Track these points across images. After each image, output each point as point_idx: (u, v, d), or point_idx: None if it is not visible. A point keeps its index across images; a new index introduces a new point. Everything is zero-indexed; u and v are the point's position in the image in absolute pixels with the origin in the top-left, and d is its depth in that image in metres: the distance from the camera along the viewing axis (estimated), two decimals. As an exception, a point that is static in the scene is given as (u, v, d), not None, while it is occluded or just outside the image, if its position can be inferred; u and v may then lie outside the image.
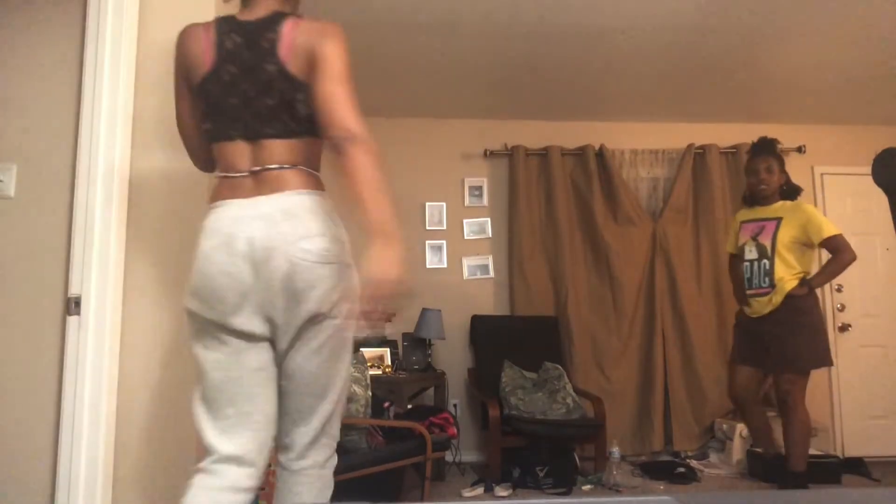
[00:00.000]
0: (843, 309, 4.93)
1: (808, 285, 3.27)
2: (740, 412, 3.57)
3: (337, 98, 1.49)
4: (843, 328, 4.91)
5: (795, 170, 5.07)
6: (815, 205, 5.06)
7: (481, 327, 4.58)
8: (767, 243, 3.38)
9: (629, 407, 4.66)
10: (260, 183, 1.53)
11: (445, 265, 4.84)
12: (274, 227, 1.47)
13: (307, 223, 1.49)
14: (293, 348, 1.55)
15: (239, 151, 1.56)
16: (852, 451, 4.71)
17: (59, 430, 2.04)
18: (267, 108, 1.54)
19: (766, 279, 3.35)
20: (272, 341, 1.58)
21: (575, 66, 4.05)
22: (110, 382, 2.08)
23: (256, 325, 1.52)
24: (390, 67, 4.02)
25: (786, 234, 3.33)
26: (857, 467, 4.22)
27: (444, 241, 4.85)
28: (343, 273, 1.54)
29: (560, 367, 4.29)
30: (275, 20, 1.55)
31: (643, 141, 5.05)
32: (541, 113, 4.89)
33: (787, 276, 3.31)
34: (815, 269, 3.31)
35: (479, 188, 4.95)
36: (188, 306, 1.56)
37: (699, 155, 4.97)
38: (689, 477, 3.97)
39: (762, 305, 3.37)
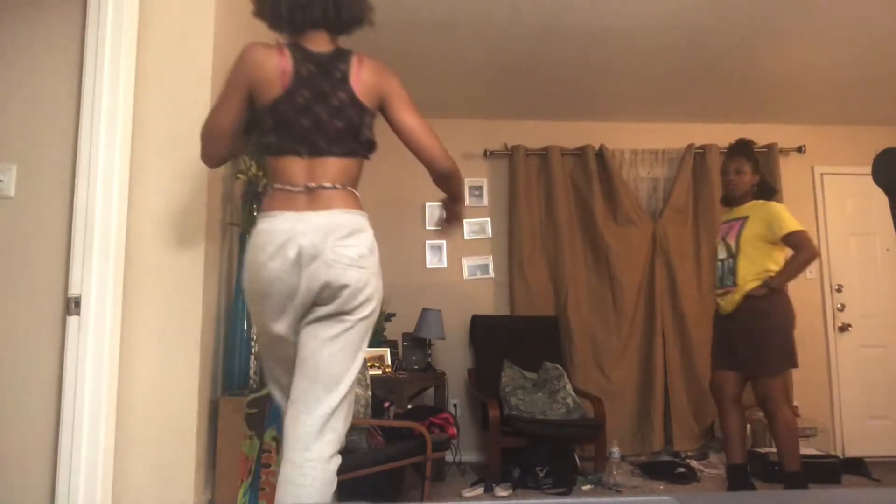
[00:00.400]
0: (843, 309, 4.93)
1: (768, 286, 3.23)
2: (719, 412, 3.50)
3: (424, 129, 1.85)
4: (843, 328, 4.91)
5: (795, 170, 5.07)
6: (815, 205, 5.06)
7: (481, 327, 4.58)
8: (733, 242, 3.37)
9: (629, 407, 4.66)
10: (312, 199, 1.73)
11: (445, 265, 4.84)
12: (320, 239, 1.68)
13: (347, 236, 1.71)
14: (311, 334, 1.72)
15: (298, 167, 1.75)
16: (852, 451, 4.71)
17: (59, 430, 2.03)
18: (336, 130, 1.76)
19: (731, 277, 3.34)
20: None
21: (575, 66, 4.05)
22: (110, 382, 2.08)
23: (294, 326, 1.75)
24: (390, 67, 4.01)
25: (750, 232, 3.30)
26: (857, 467, 4.22)
27: (444, 241, 4.85)
28: (370, 279, 1.73)
29: (560, 367, 4.29)
30: (343, 55, 1.81)
31: (643, 141, 5.05)
32: (541, 113, 4.89)
33: (749, 275, 3.28)
34: None
35: (480, 188, 4.94)
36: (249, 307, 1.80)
37: (699, 155, 4.97)
38: (689, 477, 3.97)
39: (727, 303, 3.37)
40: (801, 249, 3.18)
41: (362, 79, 1.79)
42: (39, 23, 2.25)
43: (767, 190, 3.46)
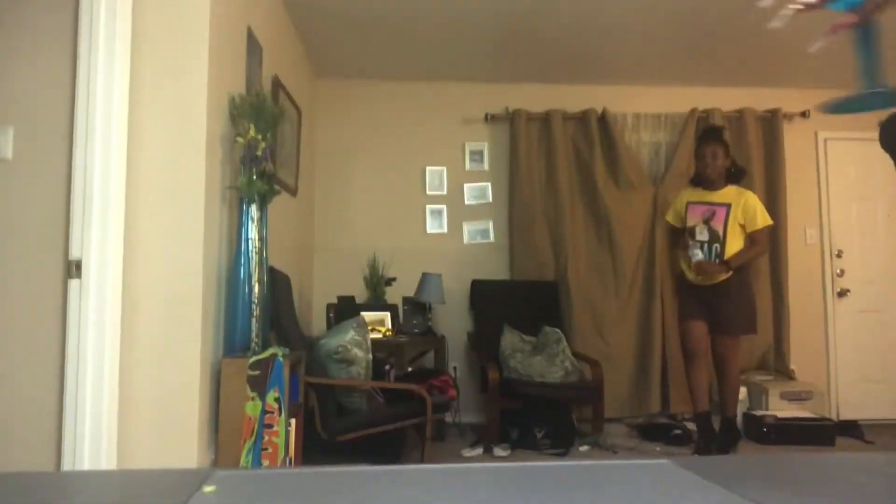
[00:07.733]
0: (842, 274, 4.94)
1: (727, 266, 3.62)
2: (689, 366, 3.78)
3: None
4: (842, 293, 4.92)
5: (799, 135, 5.03)
6: (818, 170, 5.04)
7: (481, 292, 4.60)
8: (720, 228, 3.69)
9: (627, 370, 4.70)
10: None
11: (446, 230, 4.83)
12: None
13: None
14: None
15: None
16: (847, 413, 4.77)
17: (63, 393, 2.06)
18: None
19: (717, 259, 3.68)
20: None
21: (577, 29, 3.98)
22: (112, 344, 2.10)
23: None
24: (391, 30, 3.95)
25: (734, 220, 3.67)
26: (851, 430, 4.28)
27: (445, 206, 4.83)
28: None
29: (559, 331, 4.31)
30: None
31: (646, 105, 4.99)
32: (542, 76, 4.82)
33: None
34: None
35: (480, 153, 4.91)
36: None
37: (702, 119, 4.91)
38: (685, 439, 4.03)
39: (710, 278, 3.67)
40: (756, 245, 3.67)
41: None
42: (32, -19, 2.20)
43: (740, 172, 3.83)
